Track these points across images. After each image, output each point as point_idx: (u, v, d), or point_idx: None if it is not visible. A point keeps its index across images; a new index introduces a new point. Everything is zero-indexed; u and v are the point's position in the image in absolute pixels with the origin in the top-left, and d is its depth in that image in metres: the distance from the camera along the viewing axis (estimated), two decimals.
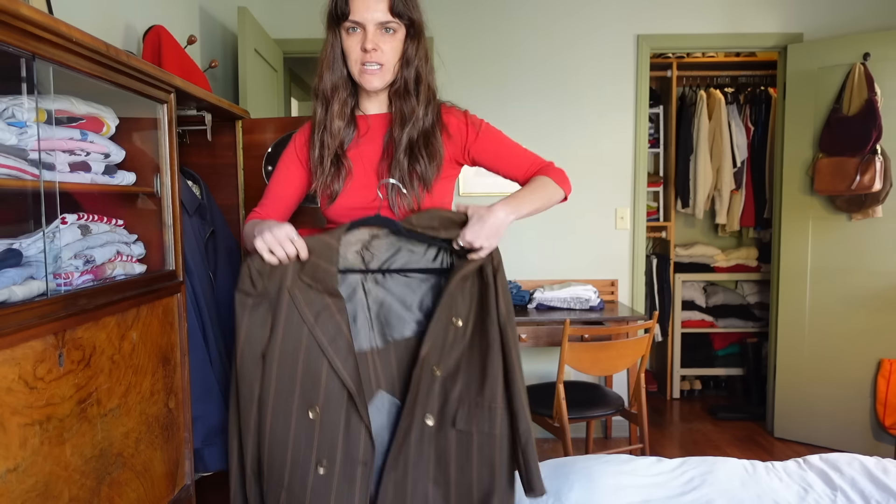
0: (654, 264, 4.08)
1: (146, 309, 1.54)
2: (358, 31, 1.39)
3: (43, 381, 1.15)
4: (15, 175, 1.15)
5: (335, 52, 1.43)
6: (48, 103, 1.26)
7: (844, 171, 3.13)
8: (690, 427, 3.75)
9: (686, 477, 1.69)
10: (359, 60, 1.40)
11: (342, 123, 1.46)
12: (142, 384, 1.51)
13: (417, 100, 1.45)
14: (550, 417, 2.59)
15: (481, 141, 1.52)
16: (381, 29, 1.39)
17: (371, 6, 1.36)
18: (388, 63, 1.41)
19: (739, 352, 4.34)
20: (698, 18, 3.47)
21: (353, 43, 1.40)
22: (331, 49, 1.43)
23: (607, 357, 2.61)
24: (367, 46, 1.38)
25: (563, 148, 3.52)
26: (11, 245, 1.19)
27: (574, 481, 1.62)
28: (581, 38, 3.47)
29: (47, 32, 1.13)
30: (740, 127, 4.13)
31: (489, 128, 1.55)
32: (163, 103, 1.67)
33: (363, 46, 1.38)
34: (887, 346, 3.20)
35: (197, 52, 2.70)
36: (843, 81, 3.21)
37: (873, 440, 3.25)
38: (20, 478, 1.09)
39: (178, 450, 1.70)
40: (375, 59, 1.39)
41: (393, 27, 1.39)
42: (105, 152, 1.46)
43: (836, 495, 1.62)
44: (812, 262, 3.39)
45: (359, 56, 1.40)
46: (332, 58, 1.44)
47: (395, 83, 1.45)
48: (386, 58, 1.41)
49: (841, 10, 3.43)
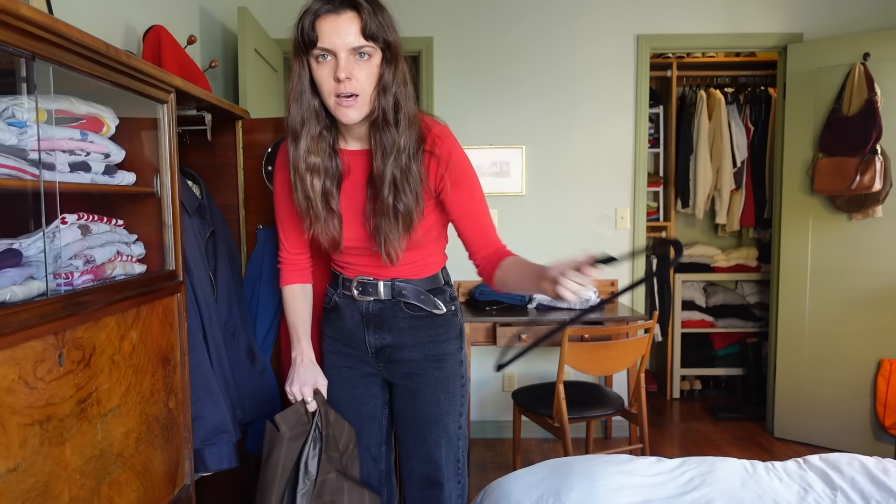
0: (655, 264, 4.08)
1: (146, 309, 1.54)
2: (329, 58, 1.28)
3: (43, 381, 1.15)
4: (15, 175, 1.15)
5: (303, 83, 1.32)
6: (48, 103, 1.26)
7: (844, 171, 3.13)
8: (690, 427, 3.75)
9: (686, 477, 1.69)
10: (332, 92, 1.29)
11: (318, 160, 1.36)
12: (142, 384, 1.51)
13: (398, 129, 1.33)
14: (550, 417, 2.59)
15: (455, 189, 1.43)
16: (355, 55, 1.27)
17: (341, 30, 1.25)
18: (363, 92, 1.30)
19: (739, 352, 4.34)
20: (698, 18, 3.47)
21: (325, 72, 1.28)
22: (298, 80, 1.32)
23: (607, 357, 2.61)
24: (339, 75, 1.26)
25: (563, 148, 3.52)
26: (11, 245, 1.18)
27: (574, 481, 1.62)
28: (581, 39, 3.47)
29: (47, 32, 1.13)
30: (740, 127, 4.13)
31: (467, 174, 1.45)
32: (163, 103, 1.67)
33: (336, 76, 1.27)
34: (887, 346, 3.20)
35: (197, 52, 2.70)
36: (843, 81, 3.21)
37: (873, 440, 3.25)
38: (20, 478, 1.09)
39: (178, 450, 1.70)
40: (350, 90, 1.28)
41: (367, 52, 1.28)
42: (105, 152, 1.46)
43: (836, 495, 1.62)
44: (812, 262, 3.39)
45: (332, 87, 1.28)
46: (299, 89, 1.33)
47: (372, 113, 1.33)
48: (361, 87, 1.29)
49: (841, 10, 3.43)
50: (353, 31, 1.26)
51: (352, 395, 1.63)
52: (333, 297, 1.61)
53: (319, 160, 1.36)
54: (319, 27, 1.27)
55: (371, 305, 1.54)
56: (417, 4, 3.43)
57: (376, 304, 1.54)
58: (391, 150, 1.34)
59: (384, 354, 1.57)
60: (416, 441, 1.58)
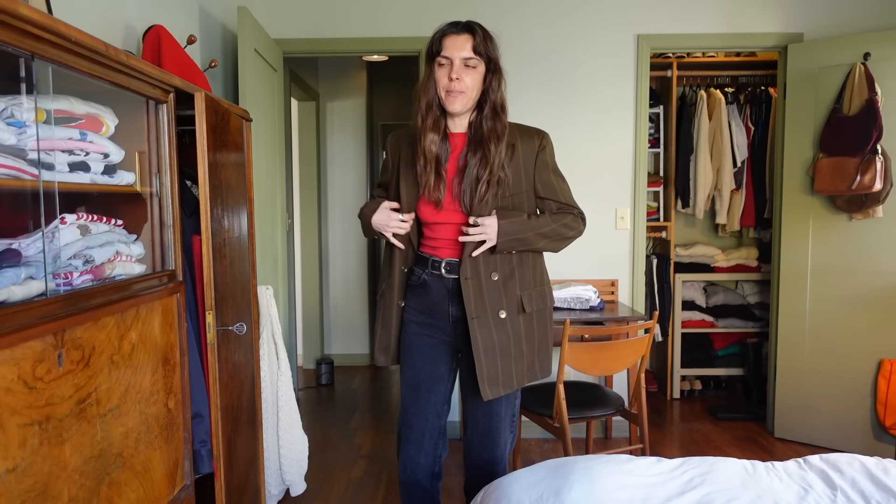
0: (655, 264, 4.08)
1: (146, 309, 1.54)
2: (446, 64, 1.76)
3: (42, 381, 1.15)
4: (14, 175, 1.15)
5: (430, 81, 1.80)
6: (47, 103, 1.26)
7: (845, 171, 3.13)
8: (690, 427, 3.75)
9: (686, 477, 1.69)
10: (445, 87, 1.76)
11: (436, 136, 1.80)
12: (141, 384, 1.51)
13: (493, 122, 1.78)
14: (550, 417, 2.59)
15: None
16: (465, 64, 1.75)
17: (459, 46, 1.75)
18: (468, 91, 1.76)
19: (739, 352, 4.34)
20: (698, 18, 3.47)
21: (442, 73, 1.77)
22: (427, 79, 1.80)
23: (607, 357, 2.61)
24: (452, 76, 1.74)
25: (563, 148, 3.48)
26: (11, 245, 1.18)
27: (574, 481, 1.61)
28: (581, 39, 3.47)
29: (46, 32, 1.13)
30: (740, 127, 4.12)
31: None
32: (163, 103, 1.67)
33: (449, 76, 1.75)
34: (888, 345, 3.20)
35: (197, 52, 2.70)
36: (844, 81, 3.21)
37: (874, 440, 3.25)
38: (19, 478, 1.09)
39: (177, 450, 1.70)
40: (457, 88, 1.75)
41: (473, 63, 1.76)
42: (104, 152, 1.46)
43: (837, 495, 1.61)
44: (812, 262, 3.39)
45: (445, 84, 1.76)
46: (427, 85, 1.80)
47: (474, 108, 1.81)
48: (466, 86, 1.76)
49: (841, 10, 3.42)
50: (467, 47, 1.75)
51: (428, 358, 1.94)
52: (423, 275, 1.91)
53: (436, 136, 1.80)
54: (444, 42, 1.77)
55: (456, 282, 1.85)
56: (417, 5, 3.43)
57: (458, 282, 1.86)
58: (487, 136, 1.78)
59: (461, 323, 1.87)
60: (483, 398, 1.88)
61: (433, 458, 1.97)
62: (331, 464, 3.21)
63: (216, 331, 1.77)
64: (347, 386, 4.61)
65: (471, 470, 2.01)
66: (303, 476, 2.74)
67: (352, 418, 3.91)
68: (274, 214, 3.16)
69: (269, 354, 2.53)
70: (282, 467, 2.62)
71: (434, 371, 1.94)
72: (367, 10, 3.43)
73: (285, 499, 2.78)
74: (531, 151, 1.85)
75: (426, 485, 1.98)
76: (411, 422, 1.95)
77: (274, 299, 2.64)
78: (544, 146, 1.88)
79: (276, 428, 2.58)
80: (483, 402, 1.91)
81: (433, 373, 1.94)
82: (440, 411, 1.97)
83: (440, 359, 1.94)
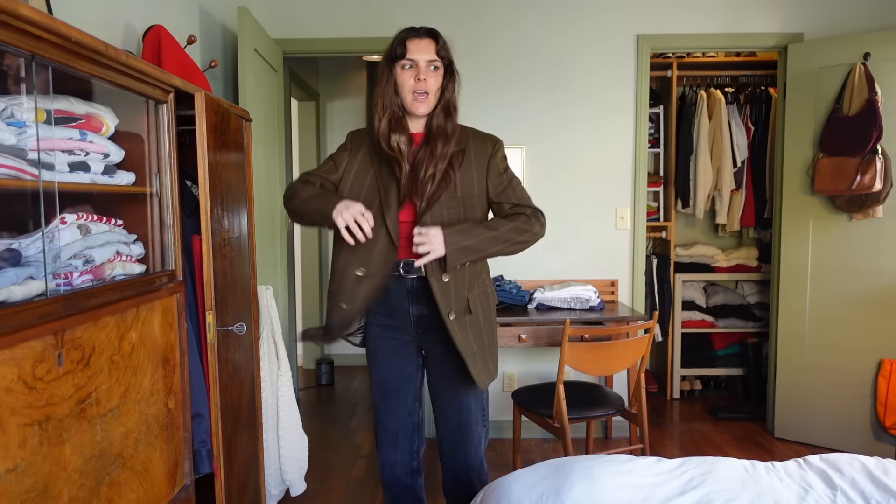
0: (654, 264, 4.08)
1: (146, 309, 1.54)
2: (411, 67, 1.80)
3: (42, 381, 1.15)
4: (14, 175, 1.15)
5: (389, 84, 1.82)
6: (47, 103, 1.26)
7: (845, 171, 3.13)
8: (690, 427, 3.75)
9: (686, 477, 1.69)
10: (412, 89, 1.80)
11: (404, 137, 1.82)
12: (141, 384, 1.51)
13: (444, 120, 1.83)
14: (550, 417, 2.59)
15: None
16: (430, 66, 1.80)
17: (423, 49, 1.80)
18: (432, 93, 1.82)
19: (739, 352, 4.34)
20: (698, 18, 3.47)
21: (408, 76, 1.80)
22: (386, 83, 1.83)
23: (607, 357, 2.61)
24: (419, 77, 1.79)
25: (563, 148, 3.52)
26: (11, 245, 1.18)
27: (574, 481, 1.61)
28: (581, 39, 3.47)
29: (46, 32, 1.13)
30: (740, 127, 4.12)
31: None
32: (163, 103, 1.67)
33: (416, 78, 1.79)
34: (888, 346, 3.20)
35: (197, 52, 2.70)
36: (844, 81, 3.20)
37: (874, 440, 3.25)
38: (19, 478, 1.09)
39: (177, 450, 1.70)
40: (424, 88, 1.80)
41: (437, 65, 1.81)
42: (104, 152, 1.46)
43: (837, 495, 1.61)
44: (812, 262, 3.39)
45: (412, 85, 1.80)
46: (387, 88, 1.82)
47: (434, 108, 1.84)
48: (430, 87, 1.81)
49: (841, 10, 3.42)
50: (430, 50, 1.80)
51: (394, 360, 1.96)
52: None
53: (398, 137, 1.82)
54: (409, 45, 1.80)
55: (414, 282, 1.86)
56: (417, 5, 3.43)
57: (418, 281, 1.86)
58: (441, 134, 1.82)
59: (423, 323, 1.90)
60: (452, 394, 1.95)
61: (409, 454, 2.02)
62: (331, 464, 3.21)
63: (216, 331, 1.78)
64: (347, 386, 4.61)
65: (447, 468, 2.04)
66: (303, 476, 2.75)
67: (352, 418, 3.91)
68: (274, 214, 3.16)
69: (269, 354, 2.53)
70: (282, 467, 2.63)
71: (401, 372, 1.97)
72: (367, 10, 3.43)
73: (285, 499, 2.78)
74: (483, 156, 1.87)
75: (406, 481, 2.04)
76: (384, 423, 2.00)
77: (274, 299, 2.64)
78: (497, 150, 1.90)
79: (276, 428, 2.58)
80: (452, 399, 1.95)
81: (400, 374, 1.97)
82: (411, 409, 2.00)
83: (406, 359, 1.97)
